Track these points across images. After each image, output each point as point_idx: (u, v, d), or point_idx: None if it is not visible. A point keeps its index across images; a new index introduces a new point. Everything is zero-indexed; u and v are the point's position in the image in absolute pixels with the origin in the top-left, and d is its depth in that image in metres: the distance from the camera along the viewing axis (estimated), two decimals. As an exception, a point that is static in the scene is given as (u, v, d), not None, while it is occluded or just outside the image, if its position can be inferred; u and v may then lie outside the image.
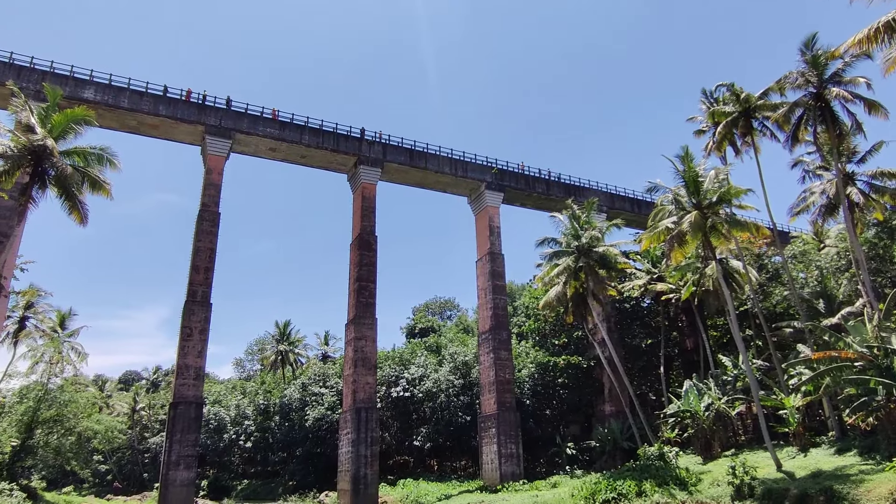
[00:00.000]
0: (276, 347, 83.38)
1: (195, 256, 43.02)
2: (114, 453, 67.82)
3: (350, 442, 43.37)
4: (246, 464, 69.17)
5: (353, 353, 45.74)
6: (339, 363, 69.07)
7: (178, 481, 37.85)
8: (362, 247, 48.66)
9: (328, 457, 58.23)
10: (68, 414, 49.46)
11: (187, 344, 40.82)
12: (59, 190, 30.14)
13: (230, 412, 68.35)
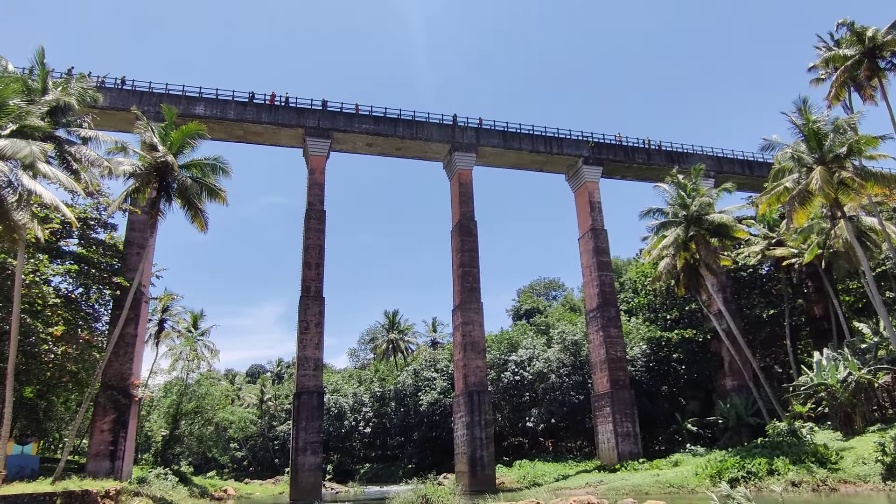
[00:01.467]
0: (387, 336, 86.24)
1: (306, 253, 45.26)
2: (247, 441, 73.13)
3: (464, 425, 44.15)
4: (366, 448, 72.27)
5: (461, 338, 46.40)
6: (448, 348, 70.36)
7: (307, 466, 40.22)
8: (463, 233, 49.07)
9: (444, 440, 59.64)
10: (206, 406, 53.97)
11: (305, 337, 43.12)
12: (182, 201, 32.70)
13: (348, 400, 71.63)
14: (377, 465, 68.64)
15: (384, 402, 70.45)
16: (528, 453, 56.12)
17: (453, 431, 47.85)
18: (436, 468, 56.84)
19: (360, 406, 71.00)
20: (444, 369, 66.24)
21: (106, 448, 36.26)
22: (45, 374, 36.31)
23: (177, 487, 39.09)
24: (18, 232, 23.91)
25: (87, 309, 39.33)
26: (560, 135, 53.94)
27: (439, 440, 61.11)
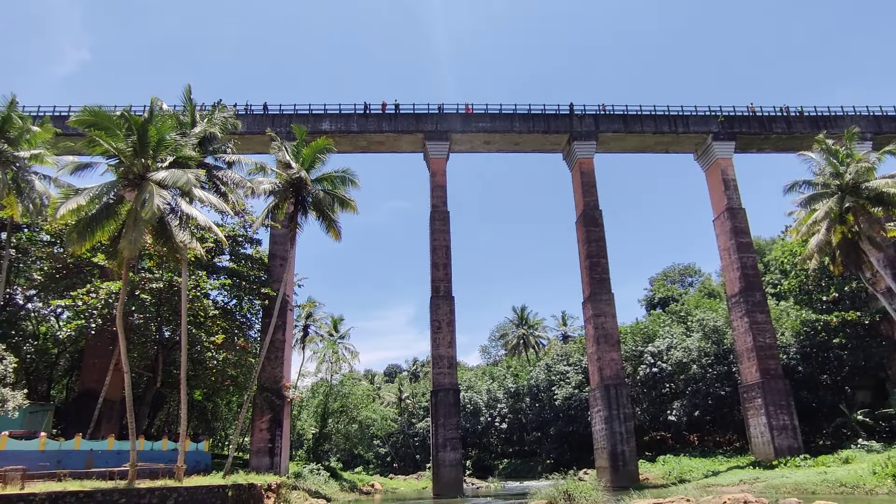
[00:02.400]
0: (517, 332, 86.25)
1: (433, 254, 46.41)
2: (389, 438, 76.35)
3: (602, 419, 43.06)
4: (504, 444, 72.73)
5: (593, 331, 45.29)
6: (579, 342, 69.02)
7: (447, 461, 41.20)
8: (588, 223, 47.87)
9: (581, 434, 58.54)
10: (350, 405, 57.03)
11: (438, 336, 44.22)
12: (316, 213, 34.79)
13: (483, 396, 72.49)
14: (515, 460, 68.85)
15: (518, 398, 70.50)
16: (671, 448, 53.58)
17: (591, 426, 46.84)
18: (575, 464, 55.93)
19: (495, 402, 71.58)
20: (577, 363, 65.05)
21: (265, 445, 39.47)
22: (210, 378, 40.27)
23: (328, 482, 41.66)
24: (181, 252, 26.68)
25: (241, 318, 43.09)
26: (685, 112, 51.00)
27: (577, 435, 60.09)
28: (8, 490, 20.96)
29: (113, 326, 33.84)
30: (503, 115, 50.43)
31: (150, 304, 36.01)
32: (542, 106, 50.71)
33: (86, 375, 42.51)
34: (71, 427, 36.56)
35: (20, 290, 44.41)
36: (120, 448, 32.49)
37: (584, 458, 55.16)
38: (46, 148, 34.81)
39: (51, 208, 32.86)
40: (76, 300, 35.92)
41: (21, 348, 39.12)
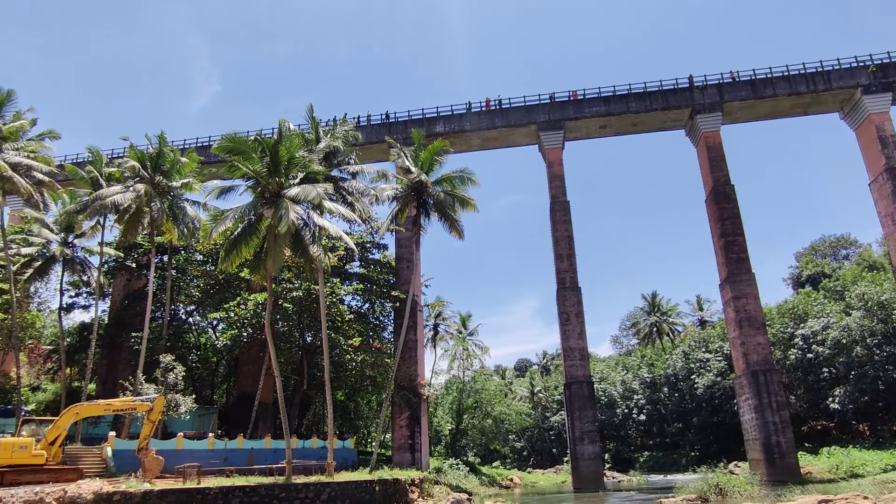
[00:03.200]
0: (649, 320, 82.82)
1: (556, 246, 45.78)
2: (524, 432, 76.30)
3: (752, 408, 40.23)
4: (643, 436, 70.17)
5: (734, 314, 42.43)
6: (719, 327, 64.95)
7: (586, 455, 40.45)
8: (719, 200, 44.93)
9: (728, 425, 55.09)
10: (483, 400, 57.72)
11: (567, 328, 43.56)
12: (438, 214, 35.54)
13: (617, 388, 70.38)
14: (657, 452, 66.18)
15: (655, 388, 67.70)
16: (836, 439, 48.77)
17: (738, 416, 43.94)
18: (723, 456, 52.72)
19: (631, 393, 69.23)
20: (717, 349, 61.24)
21: (405, 441, 41.00)
22: (350, 379, 42.51)
23: (468, 476, 42.47)
24: (316, 262, 28.37)
25: (374, 321, 45.08)
26: (826, 67, 46.30)
27: (723, 425, 56.57)
28: (187, 485, 23.45)
29: (262, 334, 36.76)
30: (618, 96, 48.63)
31: (293, 313, 38.67)
32: (659, 82, 48.34)
33: (242, 380, 46.50)
34: (232, 428, 40.20)
35: (182, 306, 49.51)
36: (276, 446, 35.22)
37: (732, 449, 51.82)
38: (193, 176, 38.57)
39: (202, 231, 36.36)
40: (229, 312, 39.44)
41: (187, 358, 43.52)
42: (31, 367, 54.63)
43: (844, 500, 21.53)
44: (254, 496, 23.49)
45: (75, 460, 28.46)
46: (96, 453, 30.64)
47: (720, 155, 46.33)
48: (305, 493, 24.59)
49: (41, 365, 55.89)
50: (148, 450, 25.49)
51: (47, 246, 39.48)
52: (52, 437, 24.55)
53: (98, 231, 39.00)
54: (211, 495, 22.76)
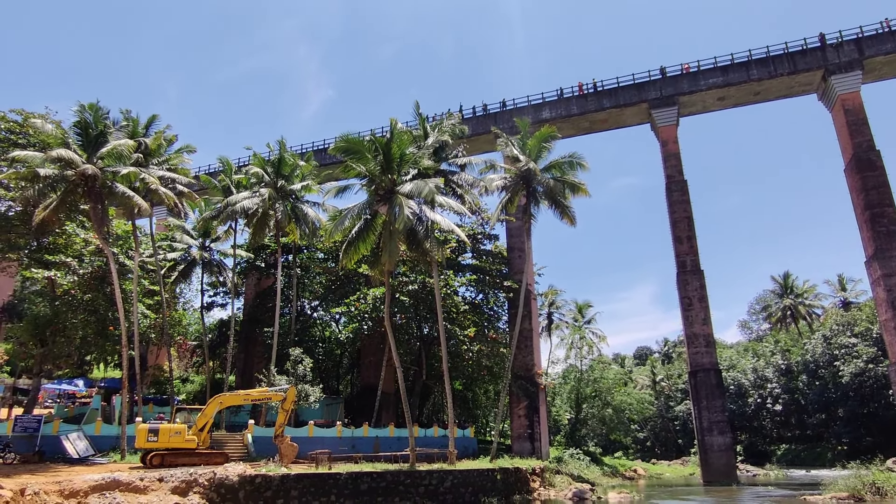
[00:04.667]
0: (781, 303, 76.81)
1: (674, 228, 43.66)
2: (647, 422, 73.63)
3: (910, 398, 36.26)
4: (779, 427, 65.25)
5: (885, 294, 38.33)
6: (866, 308, 58.95)
7: (716, 446, 38.39)
8: (862, 168, 40.70)
9: (881, 417, 50.05)
10: (602, 389, 56.39)
11: (689, 313, 41.46)
12: (548, 201, 35.01)
13: (748, 376, 65.95)
14: (796, 445, 61.35)
15: (792, 376, 62.70)
16: None
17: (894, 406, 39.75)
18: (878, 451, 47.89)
19: (763, 381, 64.56)
20: (865, 333, 55.58)
21: (524, 431, 40.95)
22: (467, 369, 43.10)
23: (590, 466, 41.63)
24: (431, 256, 28.97)
25: (489, 311, 45.32)
26: None
27: (876, 417, 51.36)
28: (320, 470, 24.89)
29: (381, 327, 38.17)
30: (736, 64, 45.33)
31: (409, 305, 39.79)
32: (783, 45, 44.47)
33: (364, 372, 48.57)
34: (357, 416, 42.14)
35: (307, 301, 52.52)
36: (399, 434, 36.50)
37: (890, 444, 46.95)
38: (311, 178, 40.66)
39: (322, 230, 38.30)
40: (349, 306, 41.32)
41: (314, 351, 46.15)
42: (179, 361, 60.34)
43: None
44: (381, 482, 24.48)
45: (221, 445, 31.12)
46: (238, 439, 33.31)
47: (861, 118, 41.93)
48: (429, 481, 25.28)
49: (188, 359, 61.59)
50: (283, 437, 27.31)
51: (188, 251, 43.32)
52: (201, 424, 26.94)
53: (231, 235, 42.19)
54: (341, 480, 24.00)
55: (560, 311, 69.39)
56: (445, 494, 25.26)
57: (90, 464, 26.58)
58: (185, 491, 22.36)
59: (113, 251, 32.70)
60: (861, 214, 40.90)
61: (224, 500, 22.28)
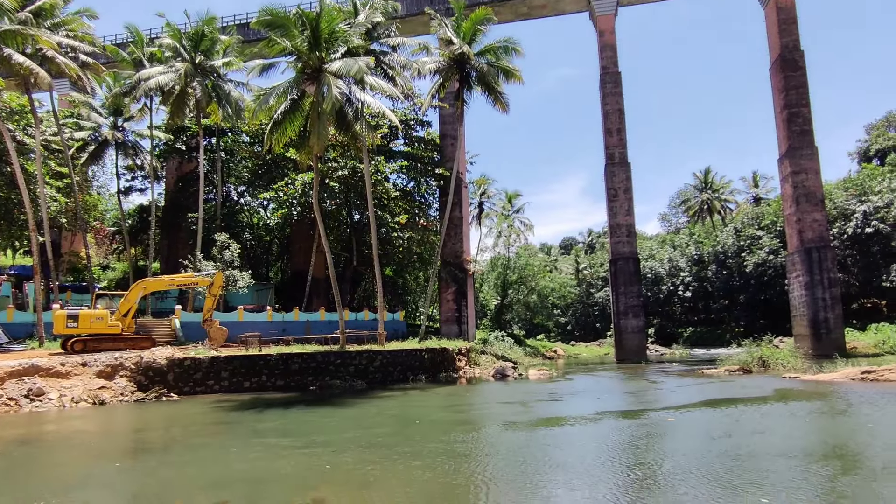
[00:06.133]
0: (699, 197, 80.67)
1: (605, 120, 44.01)
2: (568, 308, 78.01)
3: (802, 285, 39.76)
4: (687, 312, 70.76)
5: (792, 190, 40.79)
6: (773, 204, 62.87)
7: (629, 328, 41.31)
8: (786, 67, 41.67)
9: (775, 302, 54.92)
10: (527, 275, 58.73)
11: (614, 204, 42.89)
12: (481, 87, 34.18)
13: (664, 265, 70.21)
14: (701, 328, 66.98)
15: (703, 266, 67.26)
16: (886, 317, 48.23)
17: (787, 293, 43.61)
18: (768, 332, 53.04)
19: (677, 270, 69.05)
20: (770, 226, 59.72)
21: (452, 314, 42.51)
22: (398, 256, 43.59)
23: (513, 347, 44.08)
24: (361, 140, 28.15)
25: (420, 199, 45.31)
26: None
27: (770, 303, 56.43)
28: (250, 352, 25.18)
29: (311, 213, 37.55)
30: (680, -49, 44.13)
31: (339, 191, 39.15)
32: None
33: (295, 258, 48.28)
34: (288, 303, 42.34)
35: (233, 187, 50.70)
36: (329, 318, 37.13)
37: (778, 326, 51.98)
38: (234, 55, 37.83)
39: (247, 111, 36.25)
40: (278, 192, 40.23)
41: (241, 237, 45.14)
42: (98, 248, 57.91)
43: (888, 371, 21.57)
44: (311, 362, 25.10)
45: (148, 331, 30.75)
46: (166, 325, 33.00)
47: (792, 17, 42.33)
48: (359, 360, 26.13)
49: (108, 246, 59.16)
50: (212, 321, 27.22)
51: (98, 130, 40.17)
52: (125, 309, 26.35)
53: (146, 114, 39.35)
54: (272, 361, 24.43)
55: (491, 201, 70.39)
56: (375, 373, 26.29)
57: (5, 350, 25.76)
58: (110, 375, 22.22)
59: (8, 127, 29.90)
60: (780, 113, 42.38)
61: (153, 383, 22.34)
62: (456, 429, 13.69)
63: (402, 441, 12.10)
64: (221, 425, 15.32)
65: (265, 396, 21.67)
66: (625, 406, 17.94)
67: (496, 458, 10.62)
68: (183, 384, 22.86)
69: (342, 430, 13.80)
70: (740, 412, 14.89)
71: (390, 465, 9.72)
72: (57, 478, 9.55)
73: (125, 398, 20.90)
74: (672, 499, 7.50)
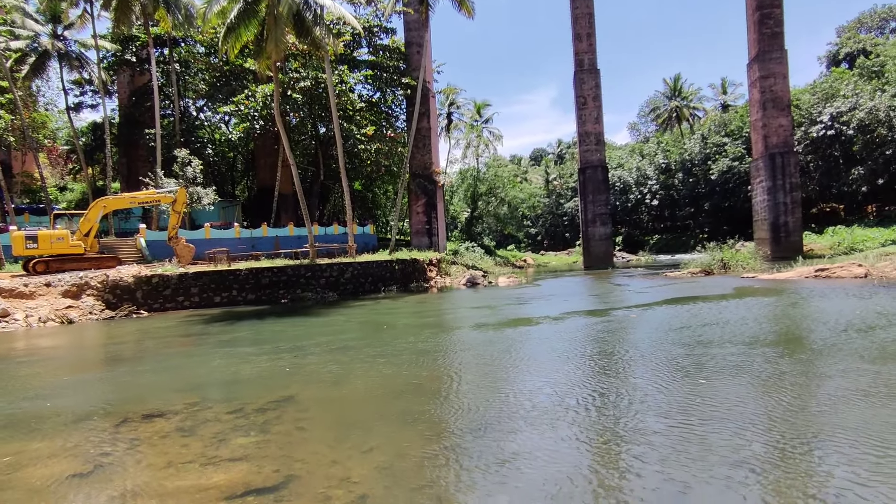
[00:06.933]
0: (669, 104, 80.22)
1: (575, 24, 42.78)
2: (538, 219, 78.71)
3: (765, 190, 40.61)
4: (654, 220, 72.09)
5: (759, 95, 40.79)
6: (741, 111, 62.98)
7: (597, 236, 42.06)
8: (759, -35, 40.55)
9: (738, 209, 56.15)
10: (497, 186, 58.72)
11: (583, 112, 42.48)
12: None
13: (632, 174, 70.70)
14: (667, 235, 68.54)
15: (670, 174, 67.94)
16: (843, 220, 49.75)
17: (750, 199, 44.56)
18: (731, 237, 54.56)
19: (645, 179, 69.69)
20: (736, 132, 60.13)
21: (423, 227, 42.57)
22: (366, 169, 42.96)
23: (483, 258, 44.70)
24: (322, 47, 26.92)
25: (386, 110, 44.11)
26: None
27: (733, 209, 57.72)
28: (219, 267, 25.06)
29: (274, 126, 36.46)
30: None
31: (303, 103, 37.85)
32: None
33: (260, 174, 47.25)
34: (256, 219, 41.87)
35: (191, 101, 48.55)
36: (299, 234, 36.92)
37: (741, 231, 53.41)
38: (180, -46, 35.18)
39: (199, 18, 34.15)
40: (238, 105, 38.71)
41: (203, 153, 43.78)
42: (53, 169, 55.76)
43: (840, 268, 22.55)
44: (282, 276, 25.15)
45: (112, 251, 30.24)
46: (131, 244, 32.46)
47: None
48: (330, 273, 26.26)
49: (63, 166, 56.96)
50: (178, 238, 26.84)
51: (37, 39, 37.53)
52: (86, 229, 25.74)
53: (87, 21, 36.80)
54: (241, 276, 24.40)
55: (459, 112, 68.80)
56: (346, 285, 26.52)
57: (-35, 272, 25.18)
58: (77, 294, 22.00)
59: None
60: (751, 15, 41.62)
61: (121, 301, 22.24)
62: (424, 332, 14.04)
63: (370, 344, 12.40)
64: (193, 337, 15.44)
65: (236, 310, 21.80)
66: (590, 307, 18.53)
67: (462, 353, 10.99)
68: (152, 301, 22.80)
69: (311, 336, 14.04)
70: (699, 308, 15.52)
71: (357, 366, 10.00)
72: (30, 387, 9.60)
73: (94, 316, 20.82)
74: (629, 382, 7.92)
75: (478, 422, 6.41)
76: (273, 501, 4.63)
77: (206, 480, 5.09)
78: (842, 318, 12.24)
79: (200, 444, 6.06)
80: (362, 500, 4.58)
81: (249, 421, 6.88)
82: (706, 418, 6.09)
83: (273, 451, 5.76)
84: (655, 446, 5.38)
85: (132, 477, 5.29)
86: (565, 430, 5.99)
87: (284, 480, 5.02)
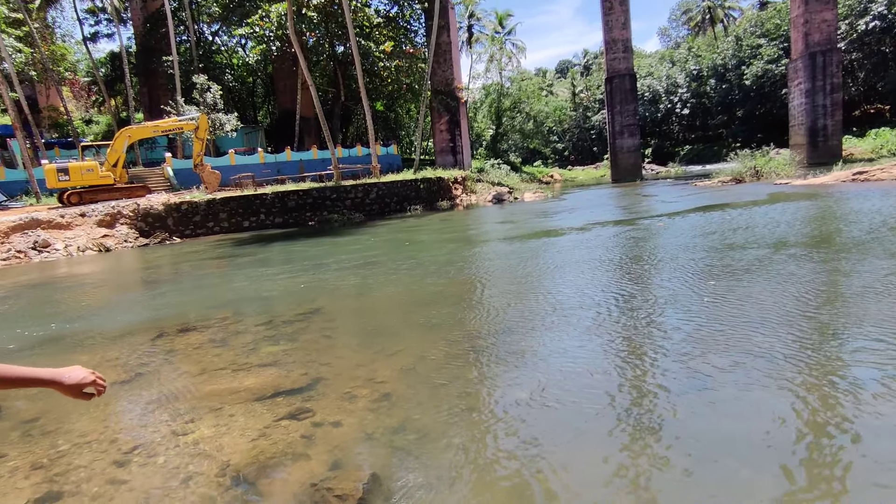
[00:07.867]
0: (701, 5, 75.72)
1: (600, -80, 40.01)
2: (565, 133, 76.75)
3: (803, 93, 38.72)
4: (685, 130, 69.74)
5: (800, -12, 38.13)
6: (780, 7, 59.11)
7: (625, 148, 41.04)
8: None
9: (774, 115, 53.91)
10: (522, 101, 57.17)
11: (610, 18, 40.45)
12: None
13: (662, 83, 67.83)
14: (698, 145, 66.45)
15: (702, 81, 64.99)
16: (889, 122, 47.36)
17: (786, 105, 42.58)
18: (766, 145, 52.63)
19: (675, 87, 66.85)
20: (773, 31, 56.63)
21: (447, 145, 42.04)
22: (386, 88, 42.08)
23: (509, 174, 44.15)
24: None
25: (405, 24, 42.63)
26: None
27: (769, 116, 55.37)
28: (246, 192, 25.30)
29: (291, 47, 35.63)
30: None
31: (318, 22, 36.76)
32: None
33: (281, 98, 46.71)
34: (279, 144, 41.75)
35: (205, 26, 47.57)
36: (323, 157, 36.84)
37: (777, 139, 51.25)
38: None
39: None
40: (253, 26, 37.82)
41: (222, 79, 43.29)
42: (77, 102, 55.91)
43: (880, 170, 21.68)
44: (307, 198, 25.32)
45: (142, 180, 30.69)
46: (158, 173, 32.86)
47: None
48: (355, 194, 26.34)
49: (86, 98, 57.05)
50: (203, 165, 27.03)
51: (46, -34, 36.81)
52: (113, 159, 26.05)
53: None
54: (268, 200, 24.65)
55: (480, 24, 65.91)
56: (371, 205, 26.63)
57: (4, 208, 25.93)
58: (111, 223, 22.54)
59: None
60: None
61: (153, 229, 22.76)
62: (448, 245, 14.13)
63: (394, 259, 12.55)
64: (225, 259, 15.81)
65: (265, 233, 22.17)
66: (618, 217, 18.33)
67: (486, 263, 11.08)
68: (183, 227, 23.28)
69: (339, 254, 14.26)
70: (728, 214, 15.21)
71: (382, 279, 10.18)
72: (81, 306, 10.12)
73: (129, 244, 21.41)
74: (656, 283, 7.91)
75: (501, 325, 6.51)
76: (301, 401, 4.82)
77: (238, 384, 5.32)
78: (877, 218, 11.88)
79: (232, 353, 6.31)
80: (387, 398, 4.74)
81: (278, 332, 7.11)
82: (733, 315, 6.07)
83: (301, 357, 5.97)
84: (675, 341, 5.41)
85: (169, 383, 5.56)
86: (587, 328, 6.05)
87: (312, 382, 5.21)
